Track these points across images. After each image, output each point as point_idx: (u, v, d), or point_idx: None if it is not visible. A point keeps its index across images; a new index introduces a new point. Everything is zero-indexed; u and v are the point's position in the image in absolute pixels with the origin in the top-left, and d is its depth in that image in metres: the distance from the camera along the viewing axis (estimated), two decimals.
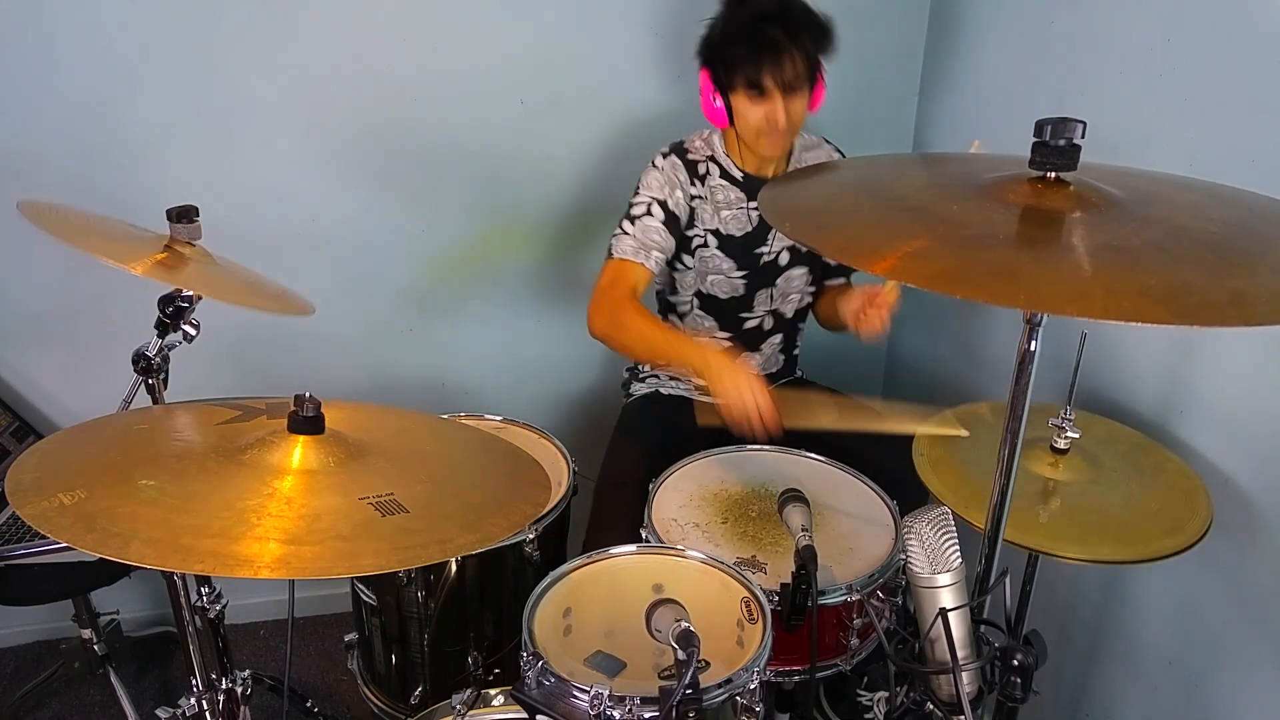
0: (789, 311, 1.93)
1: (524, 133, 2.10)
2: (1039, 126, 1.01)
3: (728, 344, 1.92)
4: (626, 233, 1.76)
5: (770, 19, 1.60)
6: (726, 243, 1.82)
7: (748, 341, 1.93)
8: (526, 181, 2.15)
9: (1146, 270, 0.89)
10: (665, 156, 1.79)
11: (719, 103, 1.69)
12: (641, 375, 2.01)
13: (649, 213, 1.76)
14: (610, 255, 1.76)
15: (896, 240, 0.98)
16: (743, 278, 1.85)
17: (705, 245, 1.82)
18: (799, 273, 1.89)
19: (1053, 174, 1.03)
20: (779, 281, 1.88)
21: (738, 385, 1.48)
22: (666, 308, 1.97)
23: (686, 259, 1.84)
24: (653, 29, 2.07)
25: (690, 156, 1.79)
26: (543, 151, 2.13)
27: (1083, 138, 1.00)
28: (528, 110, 2.09)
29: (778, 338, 1.96)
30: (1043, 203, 1.01)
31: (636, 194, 1.79)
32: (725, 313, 1.90)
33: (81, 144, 1.91)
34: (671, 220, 1.76)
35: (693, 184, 1.78)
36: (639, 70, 2.10)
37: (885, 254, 0.94)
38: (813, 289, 1.94)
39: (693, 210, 1.79)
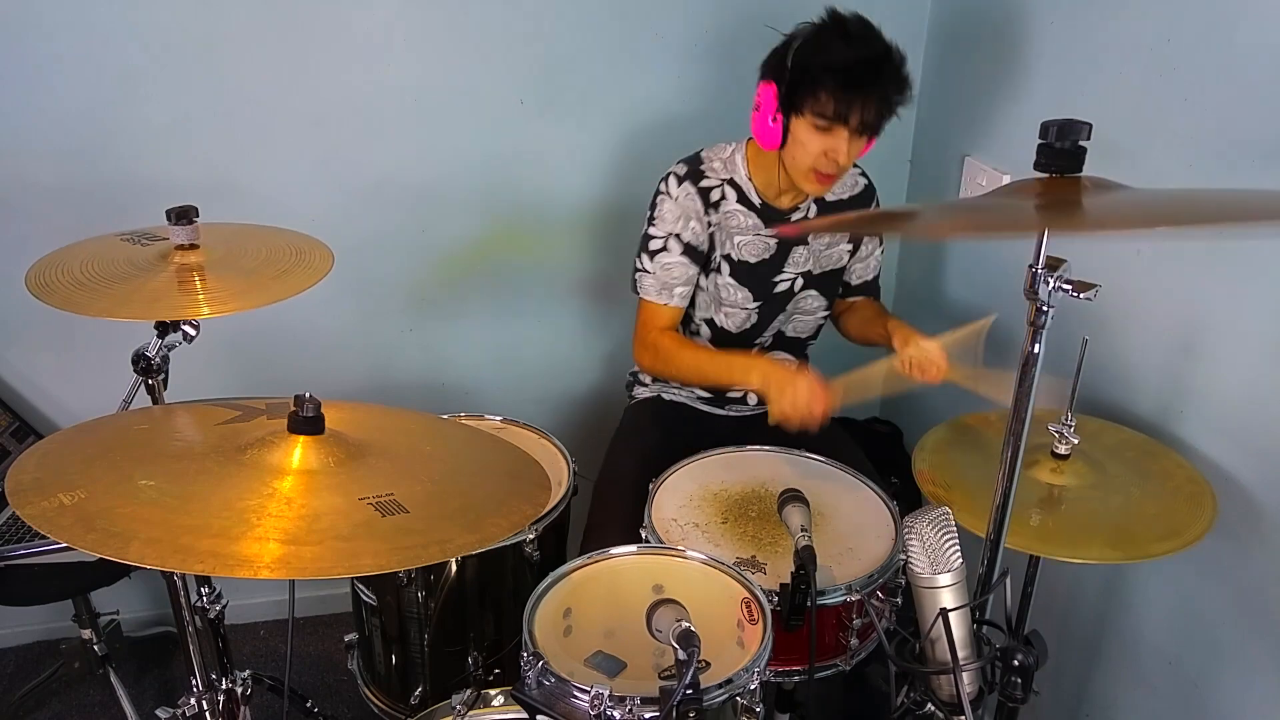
0: (791, 331, 1.90)
1: (524, 133, 2.10)
2: (1044, 128, 1.00)
3: (780, 355, 1.90)
4: (647, 270, 1.76)
5: (874, 60, 1.55)
6: (739, 269, 1.78)
7: None
8: (526, 181, 2.15)
9: (1174, 203, 0.95)
10: (680, 183, 1.73)
11: (776, 123, 1.60)
12: (645, 380, 2.01)
13: (666, 248, 1.74)
14: (636, 292, 1.79)
15: (945, 219, 1.13)
16: (757, 308, 1.82)
17: (719, 271, 1.79)
18: (810, 294, 1.86)
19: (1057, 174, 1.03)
20: (789, 306, 1.86)
21: (796, 400, 1.51)
22: None
23: (701, 278, 1.80)
24: (653, 29, 2.07)
25: (705, 182, 1.73)
26: (543, 151, 2.13)
27: (1088, 139, 1.00)
28: (528, 110, 2.09)
29: (777, 354, 1.93)
30: (1056, 191, 1.02)
31: (652, 222, 1.75)
32: (735, 344, 1.87)
33: (81, 143, 1.91)
34: (690, 251, 1.74)
35: (707, 212, 1.73)
36: (639, 71, 2.10)
37: (938, 228, 1.06)
38: (826, 312, 1.91)
39: (712, 236, 1.76)
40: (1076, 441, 1.40)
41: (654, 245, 1.75)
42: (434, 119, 2.05)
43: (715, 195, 1.74)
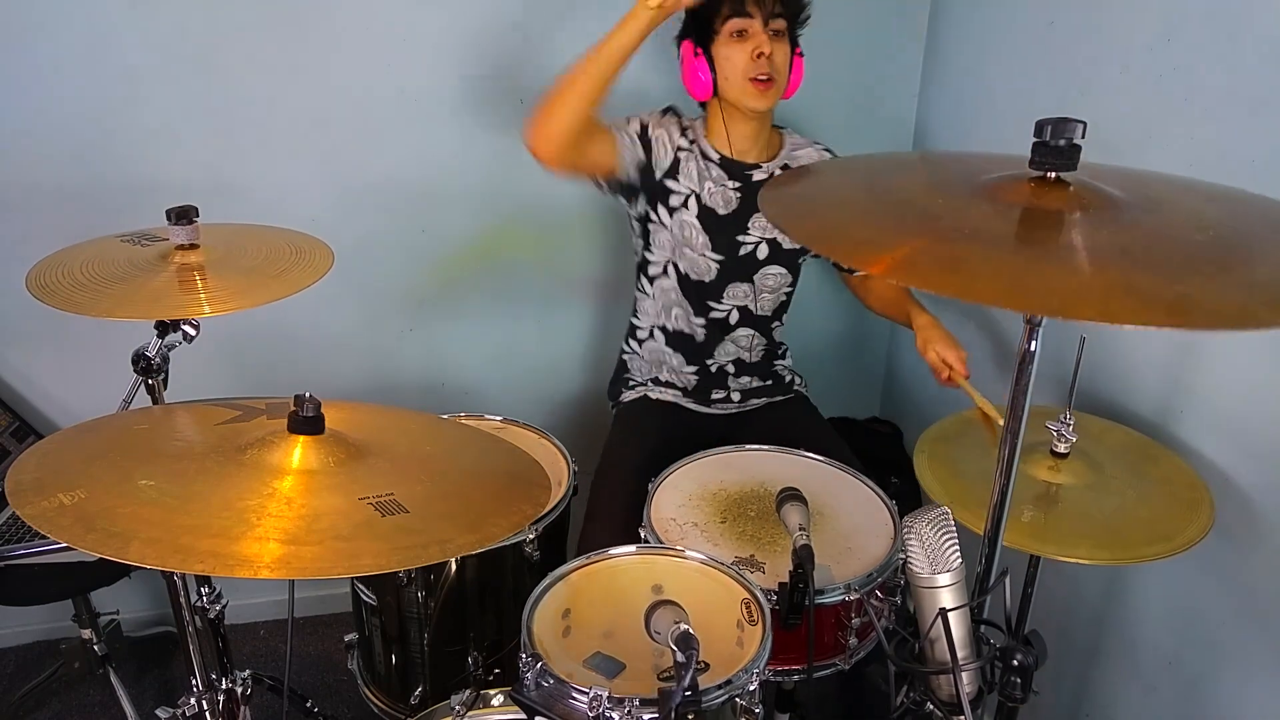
0: (759, 309, 1.91)
1: None
2: (1039, 126, 1.01)
3: (744, 333, 1.93)
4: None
5: None
6: (706, 215, 1.81)
7: (712, 332, 1.91)
8: (526, 181, 2.14)
9: (1144, 271, 0.89)
10: (664, 113, 1.83)
11: (701, 63, 1.71)
12: (630, 384, 2.01)
13: (627, 122, 1.79)
14: None
15: (897, 238, 0.99)
16: (717, 261, 1.84)
17: (685, 207, 1.81)
18: (776, 270, 1.87)
19: (1053, 174, 1.03)
20: (755, 278, 1.87)
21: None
22: (639, 269, 1.94)
23: (663, 214, 1.82)
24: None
25: (684, 122, 1.83)
26: None
27: (1083, 138, 1.00)
28: (528, 110, 2.08)
29: (744, 332, 1.93)
30: (1042, 203, 1.01)
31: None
32: (696, 297, 1.88)
33: (81, 144, 1.91)
34: (644, 140, 1.78)
35: (683, 136, 1.80)
36: (639, 72, 2.09)
37: (881, 254, 0.94)
38: (790, 288, 1.93)
39: (678, 160, 1.79)
40: (1074, 439, 1.40)
41: (619, 120, 1.79)
42: (434, 119, 2.05)
43: (690, 135, 1.81)
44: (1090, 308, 0.84)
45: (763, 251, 1.85)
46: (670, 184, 1.80)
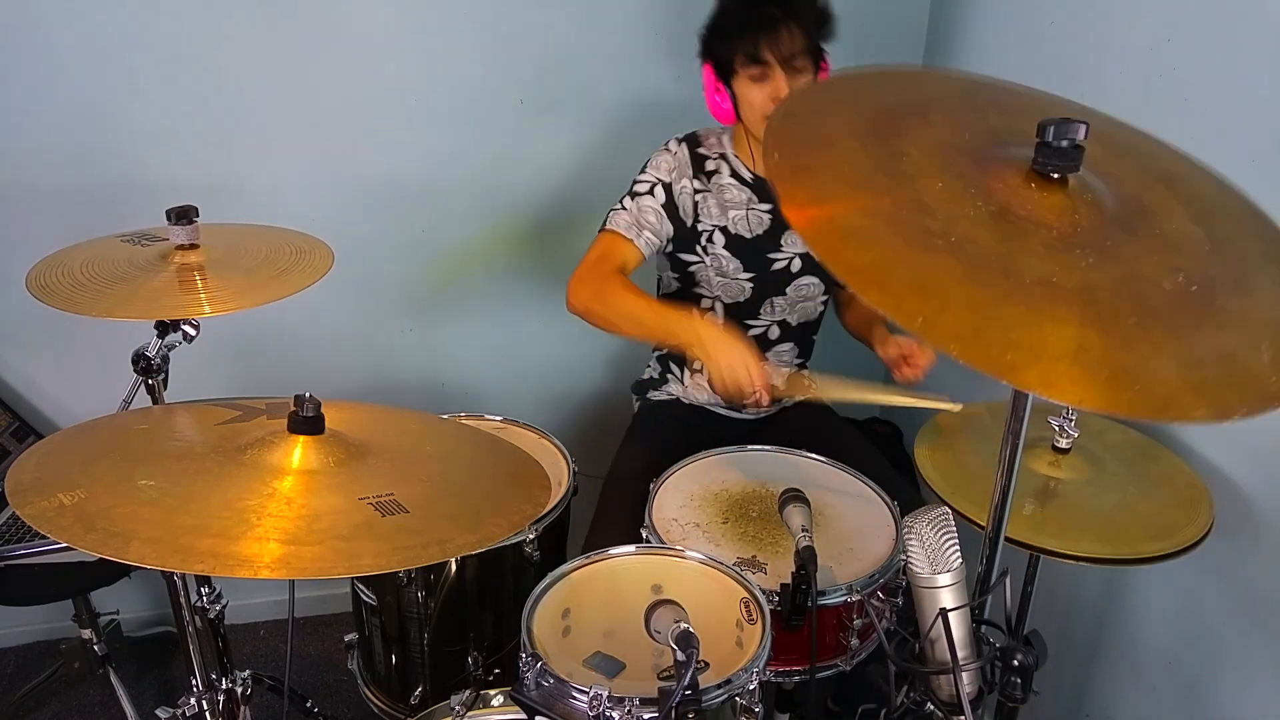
0: (796, 320, 1.90)
1: (524, 133, 2.10)
2: (1042, 127, 1.00)
3: (720, 319, 1.88)
4: (624, 208, 1.76)
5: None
6: (734, 242, 1.80)
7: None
8: (526, 181, 2.15)
9: (1100, 326, 0.86)
10: (680, 143, 1.78)
11: (723, 96, 1.68)
12: (656, 377, 2.00)
13: (650, 192, 1.75)
14: (603, 228, 1.76)
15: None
16: (749, 280, 1.83)
17: (712, 242, 1.80)
18: (809, 280, 1.86)
19: (1055, 175, 1.02)
20: (789, 290, 1.86)
21: (731, 361, 1.47)
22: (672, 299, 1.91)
23: (699, 252, 1.81)
24: (653, 29, 2.07)
25: (701, 150, 1.78)
26: (543, 151, 2.13)
27: (1085, 138, 1.00)
28: (528, 110, 2.09)
29: (786, 346, 1.92)
30: (1032, 210, 0.96)
31: (643, 172, 1.78)
32: (734, 319, 1.87)
33: (82, 144, 1.91)
34: (671, 206, 1.76)
35: (697, 178, 1.77)
36: (639, 70, 2.10)
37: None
38: (825, 297, 1.91)
39: (696, 204, 1.77)
40: (1076, 435, 1.40)
41: (639, 188, 1.76)
42: (434, 119, 2.05)
43: (710, 165, 1.78)
44: (1032, 375, 0.81)
45: (795, 265, 1.84)
46: (698, 227, 1.79)
